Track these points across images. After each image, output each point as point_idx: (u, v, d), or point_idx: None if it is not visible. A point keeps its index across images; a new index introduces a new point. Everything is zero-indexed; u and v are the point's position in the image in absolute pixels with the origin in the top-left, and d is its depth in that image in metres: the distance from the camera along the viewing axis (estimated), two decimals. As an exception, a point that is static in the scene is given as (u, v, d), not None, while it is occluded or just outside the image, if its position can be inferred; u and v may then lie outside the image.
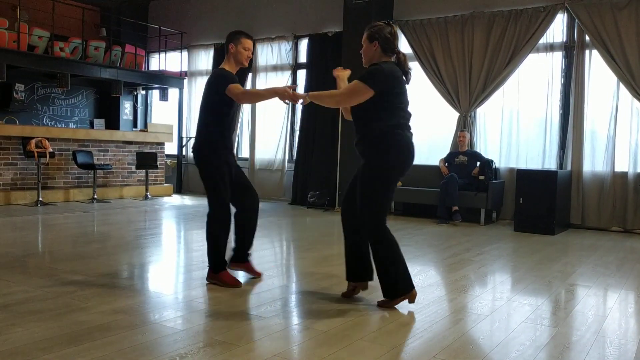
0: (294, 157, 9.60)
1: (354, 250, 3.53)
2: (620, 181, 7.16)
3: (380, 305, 3.36)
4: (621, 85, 7.07)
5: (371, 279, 3.52)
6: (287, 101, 3.63)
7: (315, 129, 9.25)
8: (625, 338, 2.97)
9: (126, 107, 11.27)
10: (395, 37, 3.35)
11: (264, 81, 9.95)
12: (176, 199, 9.69)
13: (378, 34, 3.31)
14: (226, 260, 3.87)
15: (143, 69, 10.92)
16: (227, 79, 3.74)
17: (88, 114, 11.14)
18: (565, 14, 7.49)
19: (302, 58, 9.66)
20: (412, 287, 3.34)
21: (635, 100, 6.97)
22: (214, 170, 3.75)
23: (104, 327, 2.81)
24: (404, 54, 3.41)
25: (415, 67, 8.49)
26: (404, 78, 3.36)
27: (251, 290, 3.77)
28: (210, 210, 3.80)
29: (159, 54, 11.26)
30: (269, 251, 5.38)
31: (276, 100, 3.69)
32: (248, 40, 3.93)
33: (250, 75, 10.05)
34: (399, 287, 3.31)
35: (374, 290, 3.62)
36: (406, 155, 3.31)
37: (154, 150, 9.85)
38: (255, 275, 4.02)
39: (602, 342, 2.87)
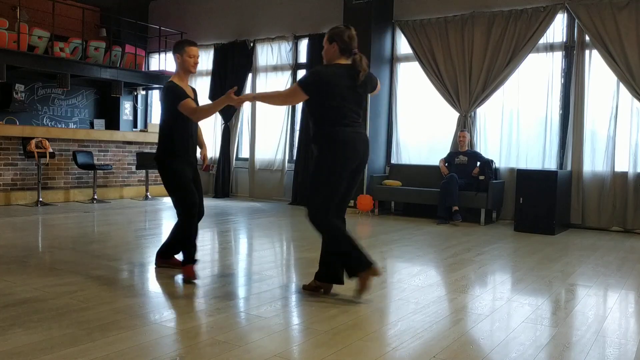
0: (294, 157, 9.60)
1: (323, 253, 3.65)
2: (621, 181, 7.16)
3: (358, 288, 3.48)
4: (621, 85, 7.07)
5: (336, 282, 3.60)
6: (235, 106, 3.77)
7: (315, 129, 9.24)
8: (625, 338, 2.97)
9: (126, 107, 11.27)
10: (353, 40, 3.52)
11: (264, 81, 9.95)
12: (176, 199, 9.66)
13: (337, 35, 3.49)
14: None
15: (143, 69, 10.92)
16: (177, 96, 3.93)
17: (88, 114, 11.14)
18: (565, 14, 7.49)
19: (302, 58, 9.66)
20: (369, 264, 3.41)
21: (636, 100, 6.97)
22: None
23: (104, 327, 2.81)
24: (361, 55, 3.55)
25: (415, 67, 8.53)
26: (348, 79, 3.48)
27: (251, 290, 3.77)
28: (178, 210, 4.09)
29: (159, 54, 11.26)
30: (269, 251, 5.38)
31: None
32: (192, 47, 4.12)
33: (250, 75, 10.05)
34: (353, 268, 3.46)
35: (373, 291, 3.63)
36: (348, 151, 3.47)
37: (154, 151, 9.83)
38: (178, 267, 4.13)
39: (602, 342, 2.87)
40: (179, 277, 3.95)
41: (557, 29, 7.57)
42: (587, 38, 7.27)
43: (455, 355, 2.60)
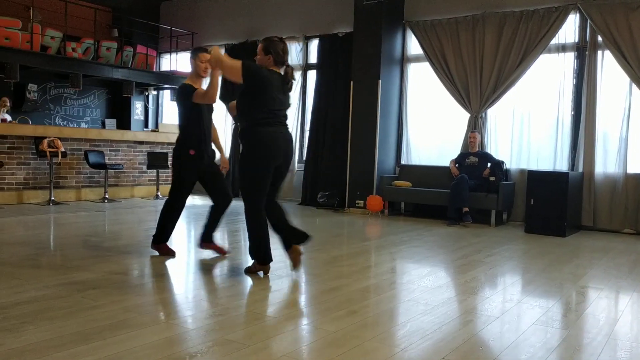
0: (304, 158, 9.60)
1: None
2: (633, 183, 7.10)
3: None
4: (634, 86, 7.01)
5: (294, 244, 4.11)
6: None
7: (325, 129, 9.25)
8: (637, 341, 2.94)
9: (137, 107, 11.34)
10: (286, 53, 3.93)
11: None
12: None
13: (273, 48, 3.87)
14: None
15: (154, 70, 10.98)
16: (190, 91, 4.47)
17: (100, 114, 11.22)
18: (578, 14, 7.44)
19: (313, 58, 9.67)
20: (267, 261, 4.03)
21: (648, 101, 6.92)
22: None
23: (114, 325, 2.83)
24: (292, 68, 3.98)
25: (426, 67, 8.50)
26: (277, 84, 3.87)
27: (259, 291, 3.78)
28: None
29: (170, 55, 11.32)
30: (278, 251, 5.38)
31: None
32: (203, 54, 4.55)
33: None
34: (255, 256, 4.04)
35: (382, 292, 3.62)
36: (267, 149, 3.83)
37: (164, 150, 9.90)
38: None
39: (613, 345, 2.85)
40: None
41: (569, 30, 7.52)
42: (600, 39, 7.21)
43: (464, 356, 2.59)
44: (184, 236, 6.31)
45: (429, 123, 8.67)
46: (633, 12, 6.94)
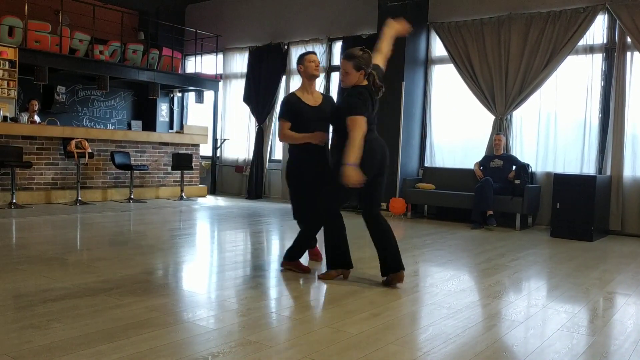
0: (327, 160, 9.59)
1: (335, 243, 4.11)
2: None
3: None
4: (664, 88, 6.87)
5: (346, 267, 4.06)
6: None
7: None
8: (666, 349, 2.87)
9: (163, 109, 11.47)
10: (370, 62, 3.91)
11: (297, 84, 9.95)
12: (210, 200, 9.81)
13: (364, 64, 3.84)
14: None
15: (179, 72, 11.11)
16: (281, 112, 4.22)
17: (126, 116, 11.39)
18: (606, 15, 7.31)
19: (336, 60, 9.67)
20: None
21: (679, 104, 6.77)
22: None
23: (138, 324, 2.86)
24: (374, 73, 3.91)
25: (450, 69, 8.44)
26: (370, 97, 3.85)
27: (282, 292, 3.79)
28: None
29: (195, 57, 11.43)
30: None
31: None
32: (311, 55, 4.33)
33: (284, 77, 10.11)
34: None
35: (405, 295, 3.60)
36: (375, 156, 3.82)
37: (189, 152, 9.99)
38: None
39: (641, 352, 2.78)
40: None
41: (597, 30, 7.40)
42: (629, 40, 7.08)
43: (488, 361, 2.56)
44: (207, 237, 6.36)
45: (453, 125, 8.60)
46: (664, 12, 6.80)
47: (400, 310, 3.40)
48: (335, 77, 9.68)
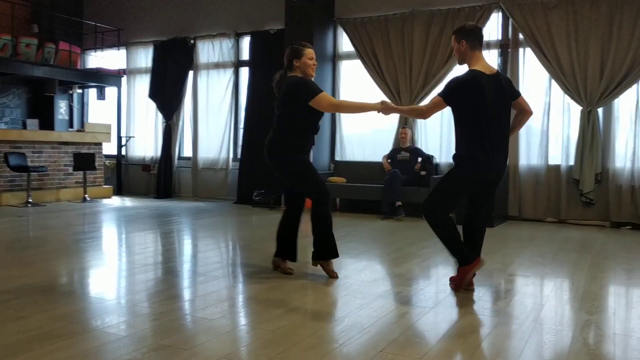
0: (239, 156, 9.51)
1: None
2: (554, 174, 7.47)
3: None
4: (553, 82, 7.37)
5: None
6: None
7: (259, 127, 9.18)
8: (561, 325, 3.10)
9: (61, 106, 10.85)
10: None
11: (205, 79, 9.80)
12: (116, 201, 9.43)
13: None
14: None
15: (79, 67, 10.55)
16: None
17: (20, 114, 10.64)
18: (500, 13, 7.73)
19: (245, 55, 9.58)
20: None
21: (567, 96, 7.29)
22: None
23: (42, 336, 2.70)
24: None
25: (357, 64, 8.60)
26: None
27: (197, 292, 3.71)
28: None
29: (96, 52, 10.91)
30: (214, 252, 5.31)
31: (218, 97, 3.81)
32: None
33: (191, 73, 9.89)
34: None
35: (320, 288, 3.63)
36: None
37: (91, 151, 9.55)
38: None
39: (540, 329, 2.99)
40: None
41: (493, 28, 7.81)
42: (521, 36, 7.53)
43: (401, 348, 2.65)
44: (114, 240, 6.11)
45: (361, 119, 8.77)
46: (551, 10, 7.29)
47: (315, 304, 3.44)
48: (244, 72, 9.59)
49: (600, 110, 7.19)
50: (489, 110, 3.58)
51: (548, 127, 7.48)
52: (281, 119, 4.00)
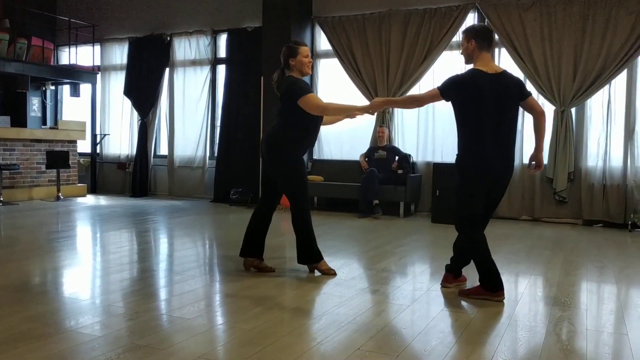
0: (216, 154, 9.45)
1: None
2: (528, 173, 7.55)
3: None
4: (527, 82, 7.47)
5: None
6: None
7: (236, 125, 9.14)
8: (535, 321, 3.15)
9: (34, 103, 10.66)
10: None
11: (182, 76, 9.71)
12: (91, 199, 9.29)
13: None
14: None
15: (52, 63, 10.36)
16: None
17: (-9, 111, 10.43)
18: (476, 13, 7.81)
19: (222, 53, 9.52)
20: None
21: (541, 96, 7.39)
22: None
23: (14, 337, 2.65)
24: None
25: (335, 63, 8.61)
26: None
27: (173, 291, 3.68)
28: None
29: (70, 48, 10.72)
30: (191, 250, 5.27)
31: (195, 94, 3.78)
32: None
33: (167, 70, 9.79)
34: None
35: (297, 286, 3.63)
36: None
37: (65, 149, 9.39)
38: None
39: (514, 325, 3.03)
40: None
41: (469, 28, 7.87)
42: (497, 37, 7.62)
43: (379, 346, 2.66)
44: (89, 239, 6.03)
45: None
46: (525, 11, 7.39)
47: (293, 302, 3.43)
48: (221, 70, 9.53)
49: (573, 110, 7.32)
50: (488, 109, 3.51)
51: (523, 127, 7.57)
52: (281, 116, 4.08)
